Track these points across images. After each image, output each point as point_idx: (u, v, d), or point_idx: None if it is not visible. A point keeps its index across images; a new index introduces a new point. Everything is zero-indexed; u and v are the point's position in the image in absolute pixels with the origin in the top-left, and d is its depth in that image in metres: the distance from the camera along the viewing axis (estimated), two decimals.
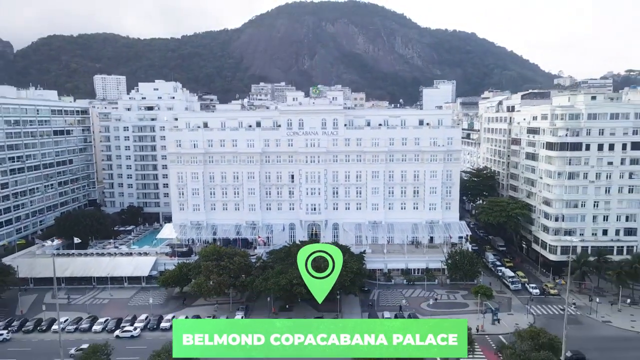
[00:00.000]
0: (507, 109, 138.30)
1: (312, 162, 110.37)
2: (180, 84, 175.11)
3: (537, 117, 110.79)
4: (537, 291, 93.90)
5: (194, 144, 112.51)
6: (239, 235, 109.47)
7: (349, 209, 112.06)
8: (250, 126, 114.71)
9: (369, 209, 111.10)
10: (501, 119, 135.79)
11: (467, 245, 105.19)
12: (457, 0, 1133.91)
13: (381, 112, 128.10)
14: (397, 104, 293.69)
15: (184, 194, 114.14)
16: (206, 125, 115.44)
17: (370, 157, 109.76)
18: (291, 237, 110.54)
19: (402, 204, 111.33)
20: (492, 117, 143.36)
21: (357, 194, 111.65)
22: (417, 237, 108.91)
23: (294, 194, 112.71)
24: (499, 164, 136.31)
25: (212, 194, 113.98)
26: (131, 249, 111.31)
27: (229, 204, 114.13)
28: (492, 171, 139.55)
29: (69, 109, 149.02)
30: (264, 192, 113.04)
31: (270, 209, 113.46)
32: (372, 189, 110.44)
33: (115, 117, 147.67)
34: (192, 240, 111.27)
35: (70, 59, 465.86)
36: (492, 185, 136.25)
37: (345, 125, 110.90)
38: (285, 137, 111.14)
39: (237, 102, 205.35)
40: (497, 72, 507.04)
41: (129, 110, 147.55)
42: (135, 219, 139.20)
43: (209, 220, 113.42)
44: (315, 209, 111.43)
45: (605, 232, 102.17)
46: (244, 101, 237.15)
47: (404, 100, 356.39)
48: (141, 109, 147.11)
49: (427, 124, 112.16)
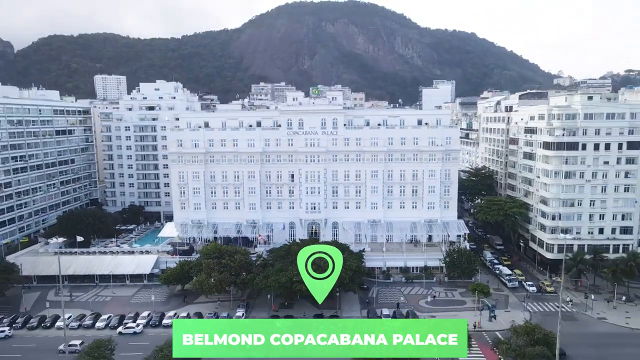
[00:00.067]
0: (505, 109, 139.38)
1: (311, 161, 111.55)
2: (181, 84, 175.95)
3: (534, 117, 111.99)
4: (534, 289, 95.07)
5: (195, 144, 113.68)
6: (239, 233, 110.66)
7: (349, 208, 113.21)
8: (250, 126, 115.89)
9: (368, 208, 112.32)
10: (499, 119, 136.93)
11: (465, 243, 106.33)
12: (457, 0, 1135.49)
13: (380, 112, 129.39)
14: (397, 104, 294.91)
15: (185, 193, 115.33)
16: (207, 125, 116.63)
17: (369, 157, 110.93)
18: (291, 236, 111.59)
19: (401, 203, 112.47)
20: (491, 117, 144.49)
21: (357, 193, 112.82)
22: (415, 236, 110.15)
23: (294, 193, 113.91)
24: (497, 164, 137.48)
25: (213, 193, 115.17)
26: (133, 247, 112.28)
27: (229, 203, 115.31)
28: (490, 170, 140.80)
29: (71, 109, 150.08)
30: (265, 191, 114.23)
31: (270, 208, 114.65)
32: (371, 188, 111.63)
33: (116, 117, 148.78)
34: (193, 238, 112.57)
35: (70, 59, 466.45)
36: (490, 184, 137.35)
37: (344, 125, 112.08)
38: (285, 137, 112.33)
39: (238, 102, 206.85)
40: (497, 72, 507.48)
41: (131, 110, 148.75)
42: (136, 218, 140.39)
43: (210, 219, 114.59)
44: (315, 208, 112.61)
45: (601, 231, 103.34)
46: (244, 101, 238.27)
47: (403, 100, 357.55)
48: (142, 109, 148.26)
49: (426, 124, 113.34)
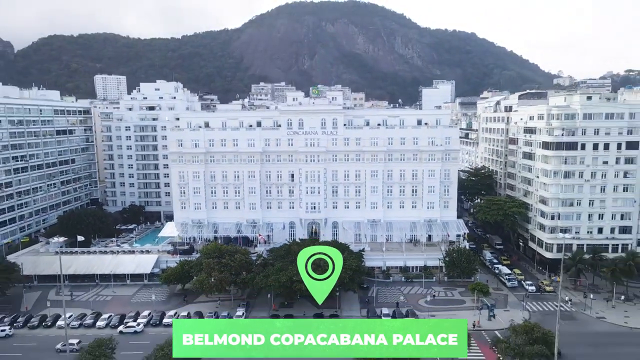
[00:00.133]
0: (505, 109, 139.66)
1: (311, 161, 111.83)
2: (181, 84, 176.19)
3: (533, 117, 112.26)
4: (533, 288, 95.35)
5: (196, 144, 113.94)
6: (239, 233, 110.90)
7: (348, 208, 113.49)
8: (250, 126, 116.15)
9: (368, 208, 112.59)
10: (499, 119, 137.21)
11: (465, 243, 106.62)
12: (457, 0, 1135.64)
13: (380, 112, 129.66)
14: (397, 104, 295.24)
15: (185, 192, 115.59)
16: (207, 125, 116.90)
17: (369, 157, 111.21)
18: (291, 235, 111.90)
19: (400, 202, 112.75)
20: (490, 117, 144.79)
21: (356, 192, 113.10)
22: (415, 235, 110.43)
23: (294, 193, 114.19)
24: (497, 163, 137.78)
25: (213, 193, 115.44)
26: (133, 247, 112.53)
27: (229, 203, 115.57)
28: (490, 170, 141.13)
29: (72, 109, 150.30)
30: (265, 191, 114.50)
31: (270, 208, 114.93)
32: (371, 187, 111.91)
33: (117, 117, 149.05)
34: (193, 238, 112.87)
35: (70, 59, 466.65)
36: (489, 184, 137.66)
37: (344, 125, 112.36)
38: (285, 137, 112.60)
39: (238, 102, 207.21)
40: (497, 72, 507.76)
41: (131, 110, 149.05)
42: (136, 218, 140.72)
43: (210, 218, 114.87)
44: (315, 208, 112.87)
45: (600, 230, 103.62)
46: (245, 101, 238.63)
47: (403, 100, 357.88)
48: (143, 109, 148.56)
49: (426, 124, 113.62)
